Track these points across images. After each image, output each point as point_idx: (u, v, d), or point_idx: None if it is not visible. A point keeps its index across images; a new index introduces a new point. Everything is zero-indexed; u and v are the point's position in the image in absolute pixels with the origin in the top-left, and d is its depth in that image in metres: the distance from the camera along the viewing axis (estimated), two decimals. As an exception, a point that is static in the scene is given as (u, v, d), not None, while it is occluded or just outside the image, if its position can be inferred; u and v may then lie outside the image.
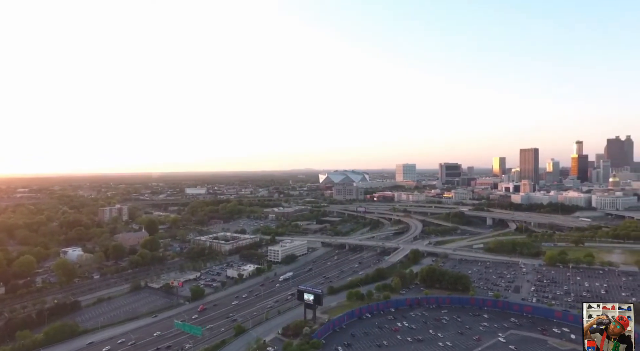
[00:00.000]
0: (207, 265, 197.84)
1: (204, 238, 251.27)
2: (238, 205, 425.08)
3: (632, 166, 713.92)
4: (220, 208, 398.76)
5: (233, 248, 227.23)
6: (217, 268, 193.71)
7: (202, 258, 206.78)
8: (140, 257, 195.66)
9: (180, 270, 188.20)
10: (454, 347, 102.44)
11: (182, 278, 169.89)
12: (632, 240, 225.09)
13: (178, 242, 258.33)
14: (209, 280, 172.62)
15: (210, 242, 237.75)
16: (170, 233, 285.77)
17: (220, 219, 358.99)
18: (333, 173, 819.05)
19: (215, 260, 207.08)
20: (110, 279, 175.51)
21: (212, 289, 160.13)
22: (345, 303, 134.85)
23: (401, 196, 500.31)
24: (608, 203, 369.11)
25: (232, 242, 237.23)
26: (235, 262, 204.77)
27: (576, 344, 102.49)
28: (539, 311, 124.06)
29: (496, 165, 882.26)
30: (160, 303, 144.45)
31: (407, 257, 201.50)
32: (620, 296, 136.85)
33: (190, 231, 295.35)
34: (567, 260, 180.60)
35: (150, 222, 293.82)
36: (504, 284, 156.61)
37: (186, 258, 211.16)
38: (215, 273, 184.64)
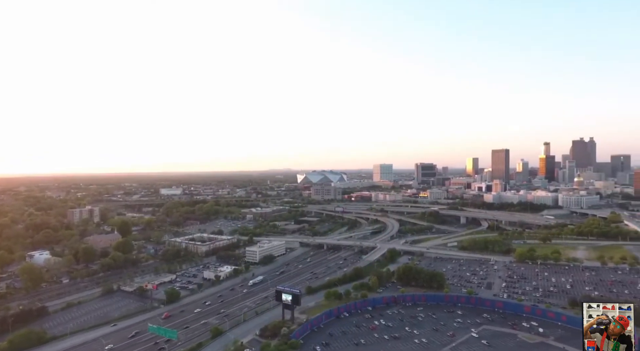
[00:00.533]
0: (183, 267, 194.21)
1: (180, 239, 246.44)
2: (215, 205, 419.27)
3: (595, 166, 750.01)
4: (196, 209, 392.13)
5: (210, 250, 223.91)
6: (194, 270, 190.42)
7: (178, 260, 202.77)
8: (112, 260, 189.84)
9: (155, 272, 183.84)
10: (429, 343, 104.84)
11: (157, 281, 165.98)
12: (595, 237, 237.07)
13: (152, 243, 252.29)
14: (184, 282, 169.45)
15: (186, 244, 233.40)
16: (144, 234, 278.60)
17: (197, 220, 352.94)
18: (311, 173, 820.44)
19: (192, 262, 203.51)
20: (81, 283, 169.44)
21: (188, 291, 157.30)
22: (323, 303, 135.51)
23: (378, 196, 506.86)
24: (573, 202, 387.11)
25: (209, 243, 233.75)
26: (212, 264, 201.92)
27: (544, 337, 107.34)
28: (510, 307, 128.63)
29: (469, 165, 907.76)
30: (134, 306, 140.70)
31: (384, 255, 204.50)
32: (584, 290, 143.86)
33: (165, 232, 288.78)
34: (536, 257, 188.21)
35: (123, 224, 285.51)
36: (476, 281, 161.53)
37: (161, 260, 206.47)
38: (191, 275, 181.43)
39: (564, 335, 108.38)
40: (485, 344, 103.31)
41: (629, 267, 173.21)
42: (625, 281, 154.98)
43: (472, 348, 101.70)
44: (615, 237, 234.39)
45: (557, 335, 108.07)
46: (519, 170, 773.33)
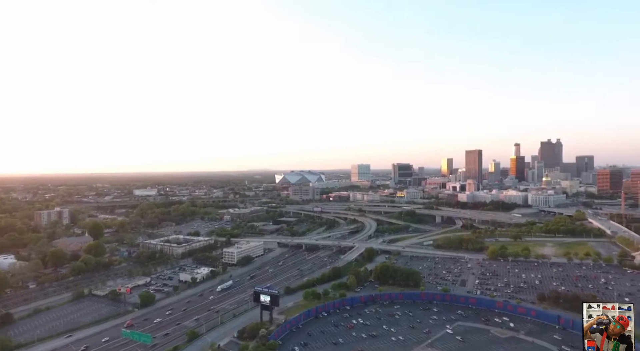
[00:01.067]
0: (158, 270, 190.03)
1: (155, 241, 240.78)
2: (191, 206, 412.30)
3: (561, 166, 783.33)
4: (172, 210, 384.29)
5: (186, 251, 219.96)
6: (169, 273, 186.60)
7: (153, 262, 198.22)
8: (83, 263, 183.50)
9: (129, 275, 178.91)
10: (406, 341, 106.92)
11: (131, 284, 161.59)
12: (562, 234, 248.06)
13: (126, 246, 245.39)
14: (160, 285, 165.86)
15: (162, 246, 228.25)
16: (117, 237, 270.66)
17: (172, 221, 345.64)
18: (289, 173, 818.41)
19: (167, 264, 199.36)
20: (49, 288, 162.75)
21: (164, 294, 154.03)
22: (302, 303, 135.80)
23: (356, 196, 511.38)
24: (542, 201, 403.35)
25: (185, 244, 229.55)
26: (189, 265, 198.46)
27: (514, 332, 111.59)
28: (482, 303, 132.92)
29: (444, 165, 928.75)
30: (106, 311, 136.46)
31: (362, 255, 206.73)
32: (552, 286, 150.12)
33: (139, 234, 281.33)
34: (507, 254, 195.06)
35: (95, 226, 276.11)
36: (451, 278, 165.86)
37: (135, 263, 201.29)
38: (166, 278, 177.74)
39: (533, 329, 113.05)
40: (459, 340, 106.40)
41: (593, 263, 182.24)
42: (589, 276, 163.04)
43: (446, 344, 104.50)
44: (580, 234, 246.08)
45: (527, 329, 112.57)
46: (492, 170, 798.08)
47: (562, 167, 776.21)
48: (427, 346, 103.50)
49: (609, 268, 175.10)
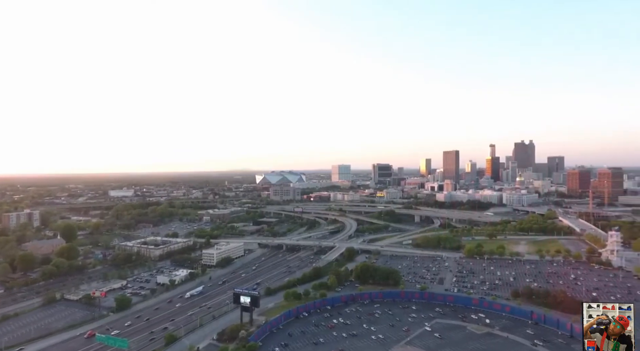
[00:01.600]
0: (135, 272, 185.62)
1: (131, 243, 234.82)
2: (169, 207, 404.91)
3: (534, 167, 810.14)
4: (149, 211, 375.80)
5: (164, 253, 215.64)
6: (146, 275, 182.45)
7: (129, 265, 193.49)
8: (54, 267, 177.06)
9: (104, 279, 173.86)
10: (385, 339, 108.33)
11: (106, 288, 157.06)
12: (534, 232, 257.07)
13: (101, 248, 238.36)
14: (136, 288, 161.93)
15: (138, 248, 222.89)
16: (91, 239, 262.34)
17: (150, 223, 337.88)
18: (270, 174, 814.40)
19: (144, 267, 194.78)
20: (18, 293, 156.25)
21: (141, 297, 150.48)
22: (282, 304, 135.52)
23: (337, 196, 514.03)
24: (515, 200, 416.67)
25: (163, 246, 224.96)
26: (167, 268, 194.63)
27: (490, 328, 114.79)
28: (460, 300, 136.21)
29: (423, 166, 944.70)
30: (80, 316, 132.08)
31: (343, 255, 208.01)
32: (525, 282, 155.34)
33: (115, 236, 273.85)
34: (483, 252, 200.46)
35: (68, 228, 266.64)
36: (429, 276, 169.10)
37: (110, 265, 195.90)
38: (144, 281, 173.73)
39: (508, 324, 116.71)
40: (437, 337, 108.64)
41: (563, 259, 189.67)
42: (559, 273, 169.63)
43: (425, 341, 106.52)
44: (551, 232, 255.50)
45: (502, 325, 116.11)
46: (468, 170, 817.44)
47: (535, 168, 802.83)
48: (406, 344, 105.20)
49: (578, 264, 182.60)
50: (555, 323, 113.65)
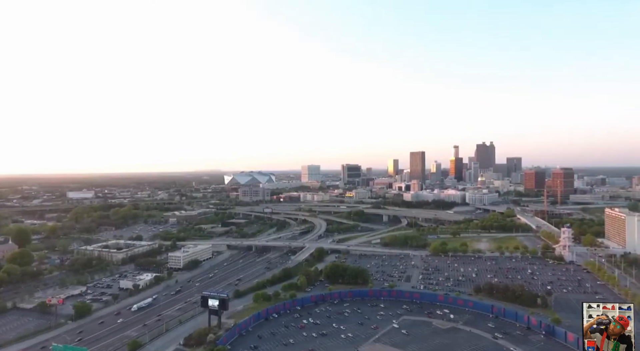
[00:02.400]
0: (96, 278, 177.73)
1: (92, 247, 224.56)
2: (133, 209, 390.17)
3: (494, 167, 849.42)
4: (111, 213, 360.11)
5: (127, 257, 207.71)
6: (108, 280, 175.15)
7: (89, 270, 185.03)
8: (5, 274, 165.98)
9: (61, 285, 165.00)
10: (355, 338, 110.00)
11: (63, 295, 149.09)
12: (495, 230, 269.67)
13: (58, 253, 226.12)
14: (97, 294, 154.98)
15: (99, 251, 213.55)
16: (47, 243, 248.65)
17: (112, 226, 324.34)
18: (239, 174, 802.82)
19: (106, 271, 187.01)
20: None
21: (102, 304, 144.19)
22: (252, 306, 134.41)
23: (306, 196, 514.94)
24: (477, 199, 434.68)
25: (126, 250, 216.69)
26: (130, 272, 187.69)
27: (454, 323, 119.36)
28: (426, 297, 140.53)
29: (391, 166, 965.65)
30: (34, 325, 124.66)
31: (313, 255, 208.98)
32: (486, 278, 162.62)
33: (73, 240, 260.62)
34: (447, 250, 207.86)
35: (20, 232, 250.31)
36: (397, 274, 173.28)
37: (68, 271, 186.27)
38: (105, 286, 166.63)
39: (470, 319, 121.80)
40: (404, 333, 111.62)
41: (521, 255, 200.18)
42: (518, 268, 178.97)
43: (393, 338, 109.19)
44: (510, 229, 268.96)
45: (465, 320, 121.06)
46: (433, 170, 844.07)
47: (495, 168, 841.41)
48: (374, 342, 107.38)
49: (535, 260, 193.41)
50: (514, 316, 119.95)
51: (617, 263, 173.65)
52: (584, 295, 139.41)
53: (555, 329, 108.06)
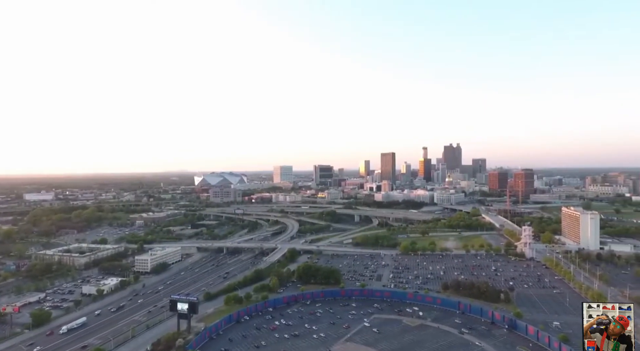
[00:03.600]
0: (56, 284, 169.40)
1: (51, 251, 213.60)
2: (97, 211, 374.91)
3: (461, 168, 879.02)
4: (73, 216, 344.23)
5: (90, 261, 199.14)
6: (69, 286, 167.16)
7: (49, 275, 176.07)
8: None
9: (17, 292, 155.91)
10: (327, 337, 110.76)
11: (20, 302, 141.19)
12: (461, 229, 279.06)
13: (14, 258, 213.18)
14: (57, 301, 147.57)
15: (60, 256, 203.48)
16: (2, 248, 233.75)
17: (74, 229, 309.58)
18: (210, 175, 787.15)
19: (67, 277, 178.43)
20: None
21: (62, 311, 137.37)
22: (223, 308, 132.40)
23: (279, 197, 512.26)
24: (445, 199, 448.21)
25: (89, 254, 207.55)
26: (94, 277, 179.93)
27: (423, 320, 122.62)
28: (396, 295, 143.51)
29: (362, 167, 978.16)
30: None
31: (285, 256, 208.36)
32: (453, 275, 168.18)
33: (31, 244, 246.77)
34: (417, 249, 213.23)
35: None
36: (368, 274, 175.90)
37: (26, 277, 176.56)
38: (66, 292, 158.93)
39: (438, 315, 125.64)
40: (375, 332, 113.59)
41: (485, 253, 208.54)
42: (482, 265, 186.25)
43: (364, 336, 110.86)
44: (476, 228, 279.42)
45: (433, 316, 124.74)
46: (403, 171, 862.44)
47: (462, 169, 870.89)
48: (346, 341, 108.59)
49: (498, 257, 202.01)
50: (479, 312, 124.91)
51: (572, 258, 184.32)
52: (543, 290, 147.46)
53: (517, 323, 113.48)
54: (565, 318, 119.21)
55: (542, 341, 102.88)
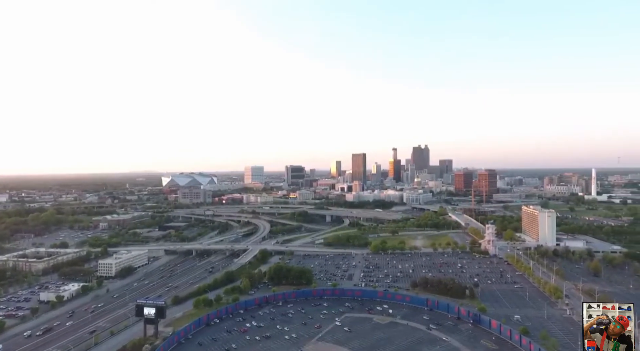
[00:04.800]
0: (10, 291, 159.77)
1: (5, 257, 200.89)
2: (56, 214, 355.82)
3: (429, 169, 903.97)
4: (30, 219, 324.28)
5: (49, 266, 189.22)
6: (25, 293, 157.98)
7: (2, 282, 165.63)
8: None
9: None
10: (298, 338, 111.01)
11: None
12: (429, 228, 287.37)
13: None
14: (12, 309, 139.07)
15: (15, 261, 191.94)
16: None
17: (31, 232, 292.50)
18: (178, 176, 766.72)
19: (23, 283, 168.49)
20: None
21: (17, 319, 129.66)
22: (192, 312, 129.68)
23: (250, 198, 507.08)
24: (414, 199, 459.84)
25: (48, 258, 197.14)
26: (53, 283, 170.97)
27: (392, 317, 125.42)
28: (367, 294, 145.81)
29: (334, 168, 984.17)
30: None
31: (256, 257, 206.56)
32: (422, 273, 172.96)
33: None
34: (387, 248, 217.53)
35: None
36: (340, 273, 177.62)
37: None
38: (22, 300, 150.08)
39: (408, 313, 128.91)
40: (346, 330, 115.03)
41: (452, 251, 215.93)
42: (449, 263, 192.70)
43: (335, 336, 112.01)
44: (443, 227, 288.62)
45: (403, 314, 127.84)
46: (374, 172, 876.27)
47: (430, 169, 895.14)
48: (317, 341, 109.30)
49: (464, 254, 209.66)
50: (446, 308, 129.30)
51: (531, 255, 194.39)
52: (505, 285, 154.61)
53: (481, 317, 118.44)
54: (525, 312, 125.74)
55: (504, 335, 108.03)
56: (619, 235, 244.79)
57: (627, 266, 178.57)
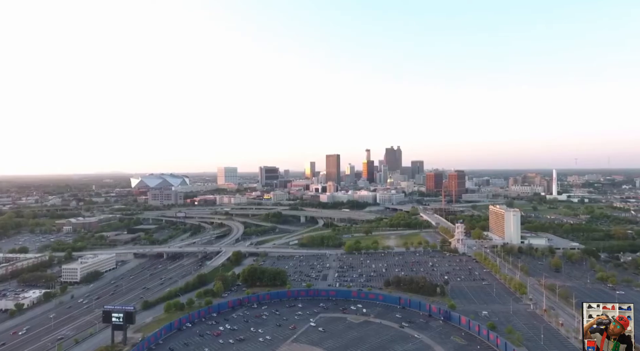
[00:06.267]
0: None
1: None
2: (15, 217, 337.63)
3: (401, 170, 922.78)
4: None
5: (7, 273, 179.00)
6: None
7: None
8: None
9: None
10: (273, 340, 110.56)
11: None
12: (402, 227, 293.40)
13: None
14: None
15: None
16: None
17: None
18: (148, 176, 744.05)
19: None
20: None
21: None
22: (162, 317, 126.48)
23: (223, 199, 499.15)
24: (387, 199, 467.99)
25: (6, 264, 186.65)
26: (12, 290, 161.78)
27: (366, 316, 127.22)
28: (341, 294, 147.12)
29: (308, 169, 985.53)
30: None
31: (230, 259, 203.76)
32: (395, 272, 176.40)
33: None
34: (361, 248, 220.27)
35: None
36: (314, 274, 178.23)
37: None
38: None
39: (381, 311, 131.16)
40: (321, 331, 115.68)
41: (423, 250, 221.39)
42: (421, 261, 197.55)
43: (310, 336, 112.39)
44: (415, 226, 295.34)
45: (376, 313, 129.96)
46: (348, 173, 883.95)
47: (402, 170, 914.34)
48: (292, 342, 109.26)
49: (435, 253, 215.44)
50: (418, 306, 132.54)
51: (498, 252, 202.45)
52: (474, 282, 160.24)
53: (451, 314, 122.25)
54: (492, 307, 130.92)
55: (473, 330, 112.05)
56: (577, 232, 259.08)
57: (584, 261, 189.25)
